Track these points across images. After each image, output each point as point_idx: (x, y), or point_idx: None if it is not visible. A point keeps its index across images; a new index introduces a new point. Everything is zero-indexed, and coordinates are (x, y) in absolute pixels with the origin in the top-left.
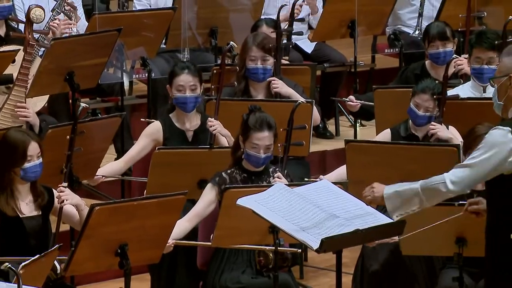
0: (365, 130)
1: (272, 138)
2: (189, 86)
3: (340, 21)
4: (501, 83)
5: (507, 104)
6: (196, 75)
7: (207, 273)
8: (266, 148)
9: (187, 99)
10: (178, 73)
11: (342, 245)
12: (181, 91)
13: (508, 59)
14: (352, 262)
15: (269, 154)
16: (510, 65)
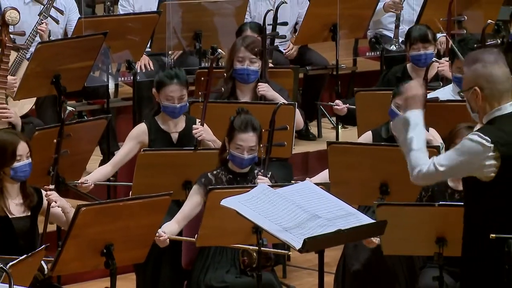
0: (347, 132)
1: (256, 140)
2: (178, 96)
3: (322, 24)
4: (469, 95)
5: (480, 113)
6: (185, 84)
7: (192, 273)
8: (250, 149)
9: (175, 108)
10: (167, 83)
11: (324, 245)
12: (170, 100)
13: (469, 70)
14: (334, 262)
15: (253, 156)
16: (471, 78)
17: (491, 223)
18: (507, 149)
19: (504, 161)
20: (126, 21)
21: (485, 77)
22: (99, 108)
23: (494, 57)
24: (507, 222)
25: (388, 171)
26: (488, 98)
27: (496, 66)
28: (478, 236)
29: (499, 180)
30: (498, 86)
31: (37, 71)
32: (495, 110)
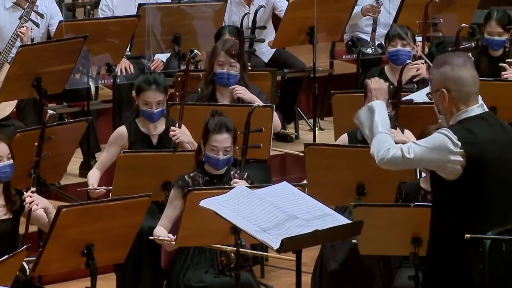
0: (324, 133)
1: (231, 141)
2: (156, 102)
3: (300, 28)
4: (436, 97)
5: (447, 115)
6: (163, 90)
7: (171, 273)
8: (224, 150)
9: (153, 113)
10: (145, 88)
11: (301, 245)
12: (148, 105)
13: (437, 73)
14: (311, 262)
15: (228, 156)
16: (439, 80)
17: (460, 223)
18: (473, 149)
19: (469, 160)
20: (106, 24)
21: (452, 79)
22: (79, 110)
23: (463, 60)
24: (474, 222)
25: (365, 172)
26: (455, 100)
27: (464, 69)
28: (446, 237)
29: (465, 179)
30: (465, 88)
31: (18, 74)
32: (461, 112)
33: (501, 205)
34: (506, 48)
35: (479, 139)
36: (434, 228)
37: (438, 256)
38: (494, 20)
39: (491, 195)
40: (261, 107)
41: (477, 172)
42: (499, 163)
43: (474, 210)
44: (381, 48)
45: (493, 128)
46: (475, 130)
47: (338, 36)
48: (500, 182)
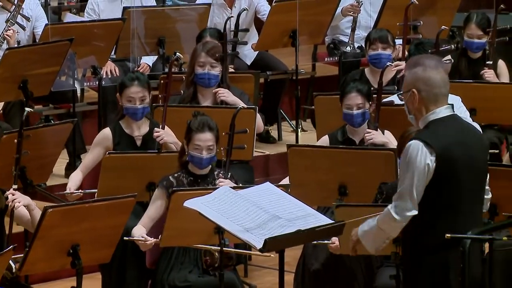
0: (306, 135)
1: (214, 139)
2: (139, 97)
3: (282, 31)
4: (407, 97)
5: (416, 115)
6: (145, 86)
7: (156, 272)
8: (208, 149)
9: (137, 109)
10: (128, 84)
11: (284, 245)
12: (131, 101)
13: (409, 73)
14: (294, 261)
15: (211, 155)
16: (411, 80)
17: (432, 221)
18: (442, 150)
19: (439, 161)
20: (92, 27)
21: (423, 80)
22: (65, 112)
23: (435, 63)
24: (446, 219)
25: (346, 173)
26: (424, 100)
27: (436, 71)
28: (420, 236)
29: (436, 179)
30: (435, 90)
31: (4, 76)
32: (430, 113)
33: (469, 202)
34: (486, 51)
35: (447, 140)
36: (408, 227)
37: (415, 256)
38: (474, 23)
39: (461, 193)
40: (244, 109)
41: (447, 171)
42: (465, 163)
43: (446, 207)
44: (361, 49)
45: (459, 129)
46: (443, 132)
47: (320, 39)
48: (467, 181)
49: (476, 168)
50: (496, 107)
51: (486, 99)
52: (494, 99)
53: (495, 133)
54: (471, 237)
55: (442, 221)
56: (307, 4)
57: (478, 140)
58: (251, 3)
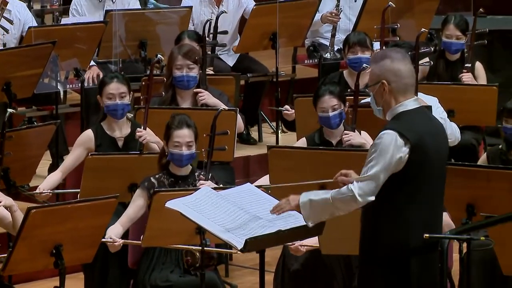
0: (286, 136)
1: (193, 136)
2: (119, 93)
3: (263, 33)
4: (376, 89)
5: (385, 107)
6: (125, 83)
7: (138, 272)
8: (187, 145)
9: (117, 105)
10: (107, 82)
11: (265, 245)
12: (111, 98)
13: (377, 66)
14: (274, 261)
15: (191, 152)
16: (380, 72)
17: (401, 213)
18: (415, 139)
19: (413, 150)
20: (74, 30)
21: (393, 71)
22: (48, 114)
23: (401, 54)
24: (415, 209)
25: (326, 173)
26: (394, 91)
27: (403, 62)
28: (389, 235)
29: (409, 168)
30: (404, 80)
31: None
32: (398, 105)
33: (436, 192)
34: (464, 53)
35: (419, 130)
36: (373, 225)
37: (369, 253)
38: (452, 24)
39: (430, 182)
40: (225, 111)
41: (420, 161)
42: (435, 153)
43: (416, 197)
44: (340, 53)
45: (427, 120)
46: (412, 122)
47: (300, 41)
48: (436, 170)
49: (443, 159)
50: (473, 109)
51: (464, 101)
52: (472, 101)
53: (472, 135)
54: (449, 237)
55: (414, 212)
56: (287, 7)
57: (443, 132)
58: (240, 3)
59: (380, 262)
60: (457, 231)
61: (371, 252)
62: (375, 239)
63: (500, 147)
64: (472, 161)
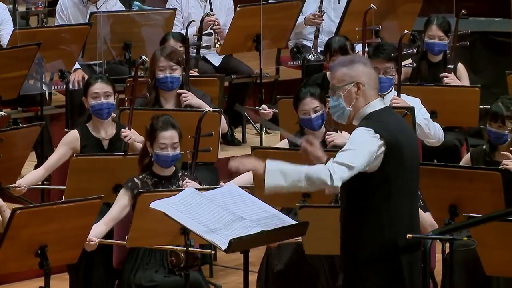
0: (270, 137)
1: (177, 136)
2: (104, 93)
3: (246, 35)
4: (347, 90)
5: (354, 109)
6: (109, 83)
7: (122, 272)
8: (173, 146)
9: (102, 105)
10: (92, 82)
11: (249, 245)
12: (96, 98)
13: (349, 69)
14: (258, 261)
15: (176, 153)
16: (353, 74)
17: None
18: (390, 136)
19: (388, 147)
20: (59, 32)
21: (366, 74)
22: (33, 115)
23: (367, 60)
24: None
25: None
26: (365, 93)
27: (370, 67)
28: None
29: (385, 166)
30: (372, 83)
31: None
32: (366, 106)
33: (414, 189)
34: (446, 55)
35: (392, 127)
36: (354, 225)
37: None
38: (435, 24)
39: (407, 179)
40: (210, 112)
41: (395, 158)
42: (408, 150)
43: (396, 195)
44: (323, 54)
45: (397, 119)
46: (385, 121)
47: (284, 43)
48: (410, 167)
49: (416, 156)
50: (456, 110)
51: (446, 102)
52: (454, 102)
53: (455, 136)
54: (432, 237)
55: (396, 210)
56: (271, 9)
57: (413, 131)
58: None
59: (368, 264)
60: (439, 231)
61: (356, 255)
62: (358, 242)
63: (484, 148)
64: (454, 161)
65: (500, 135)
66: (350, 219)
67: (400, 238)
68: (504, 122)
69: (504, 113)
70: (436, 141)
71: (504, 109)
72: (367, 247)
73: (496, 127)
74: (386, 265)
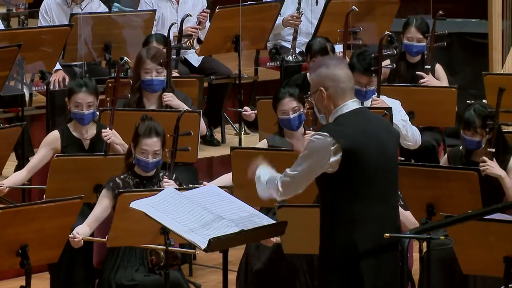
0: (249, 138)
1: (160, 144)
2: (86, 103)
3: (225, 36)
4: (315, 97)
5: (326, 114)
6: (93, 92)
7: (102, 271)
8: (154, 153)
9: (84, 115)
10: (76, 91)
11: (228, 244)
12: (78, 107)
13: (315, 75)
14: (238, 261)
15: (157, 159)
16: (317, 80)
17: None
18: (346, 142)
19: (344, 153)
20: (40, 33)
21: (329, 77)
22: (14, 116)
23: (336, 60)
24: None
25: None
26: (332, 96)
27: (339, 67)
28: (335, 236)
29: (343, 170)
30: (341, 85)
31: None
32: (338, 108)
33: (384, 189)
34: (424, 55)
35: (351, 132)
36: (321, 226)
37: (322, 255)
38: (414, 26)
39: (374, 181)
40: (189, 112)
41: (355, 163)
42: (376, 152)
43: (360, 197)
44: (302, 55)
45: (365, 120)
46: (348, 124)
47: (262, 44)
48: (380, 168)
49: (388, 155)
50: (433, 110)
51: (424, 102)
52: (431, 103)
53: (432, 136)
54: (409, 236)
55: (360, 211)
56: (250, 10)
57: (388, 130)
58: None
59: (329, 266)
60: (417, 230)
61: (325, 257)
62: (324, 243)
63: (460, 148)
64: (432, 161)
65: (474, 142)
66: (321, 219)
67: (363, 242)
68: (476, 130)
69: (476, 121)
70: (412, 144)
71: (476, 118)
72: (330, 248)
73: (469, 135)
74: (346, 268)
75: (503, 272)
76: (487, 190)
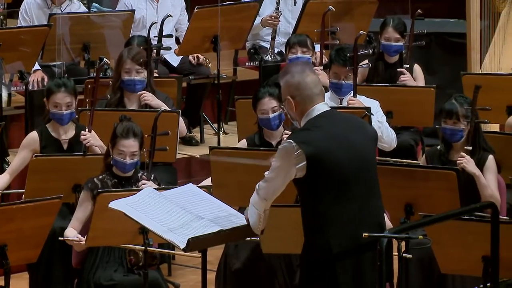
0: (228, 137)
1: (137, 145)
2: (65, 103)
3: (204, 36)
4: (286, 106)
5: (298, 120)
6: (72, 92)
7: (82, 271)
8: (131, 154)
9: (63, 115)
10: (54, 91)
11: (207, 244)
12: (57, 107)
13: (281, 84)
14: (217, 260)
15: (135, 160)
16: (284, 90)
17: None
18: (309, 148)
19: (308, 158)
20: (18, 33)
21: (294, 86)
22: None
23: (301, 67)
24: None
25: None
26: (300, 104)
27: (303, 74)
28: (314, 237)
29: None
30: (306, 92)
31: None
32: (308, 112)
33: (360, 191)
34: (402, 55)
35: (316, 137)
36: (303, 227)
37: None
38: (391, 26)
39: (346, 184)
40: (167, 112)
41: (320, 167)
42: (347, 154)
43: (333, 199)
44: (280, 55)
45: (332, 122)
46: (314, 129)
47: (241, 44)
48: (352, 170)
49: (359, 157)
50: (411, 110)
51: (402, 102)
52: (410, 102)
53: (410, 135)
54: (388, 236)
55: (335, 213)
56: (228, 11)
57: (360, 129)
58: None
59: (311, 268)
60: (395, 230)
61: (304, 258)
62: (305, 243)
63: (438, 148)
64: None
65: (456, 131)
66: (302, 221)
67: (338, 243)
68: (458, 119)
69: (459, 109)
70: (387, 146)
71: (459, 106)
72: (308, 250)
73: (451, 124)
74: (323, 270)
75: (482, 272)
76: (465, 190)
